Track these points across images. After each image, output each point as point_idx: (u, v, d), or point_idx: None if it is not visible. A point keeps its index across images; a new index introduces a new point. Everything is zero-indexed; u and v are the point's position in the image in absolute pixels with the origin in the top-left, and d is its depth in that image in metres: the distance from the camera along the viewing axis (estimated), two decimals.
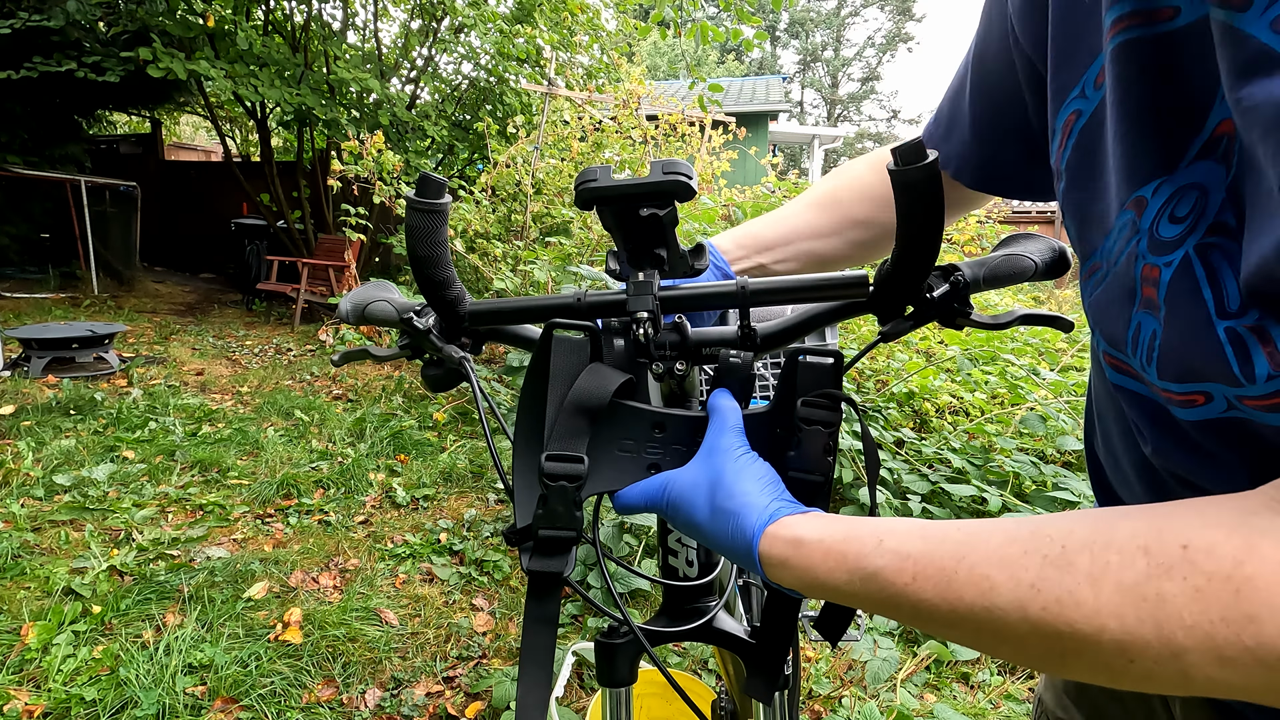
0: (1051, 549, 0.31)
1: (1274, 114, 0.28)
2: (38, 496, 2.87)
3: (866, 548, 0.37)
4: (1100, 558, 0.30)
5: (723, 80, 13.74)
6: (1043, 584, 0.30)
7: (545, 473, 0.47)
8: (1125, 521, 0.30)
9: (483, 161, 6.85)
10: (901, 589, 0.35)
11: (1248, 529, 0.27)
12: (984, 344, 3.03)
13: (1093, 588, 0.29)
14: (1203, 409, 0.35)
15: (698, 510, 0.45)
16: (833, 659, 1.97)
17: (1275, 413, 0.32)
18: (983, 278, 0.58)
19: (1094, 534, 0.31)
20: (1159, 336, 0.36)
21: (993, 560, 0.32)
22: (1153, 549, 0.29)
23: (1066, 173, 0.46)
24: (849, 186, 0.75)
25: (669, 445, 0.51)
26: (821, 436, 0.47)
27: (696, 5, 5.29)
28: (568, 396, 0.49)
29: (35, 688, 1.81)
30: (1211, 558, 0.27)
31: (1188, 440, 0.38)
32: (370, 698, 1.85)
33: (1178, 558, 0.28)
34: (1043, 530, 0.32)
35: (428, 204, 0.55)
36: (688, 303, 0.55)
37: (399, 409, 4.24)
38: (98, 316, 6.54)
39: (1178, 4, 0.34)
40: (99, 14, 6.83)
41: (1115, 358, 0.42)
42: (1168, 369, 0.36)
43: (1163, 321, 0.36)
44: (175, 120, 14.05)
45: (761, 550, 0.41)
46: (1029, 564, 0.31)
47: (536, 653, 0.51)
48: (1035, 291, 6.93)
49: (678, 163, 0.49)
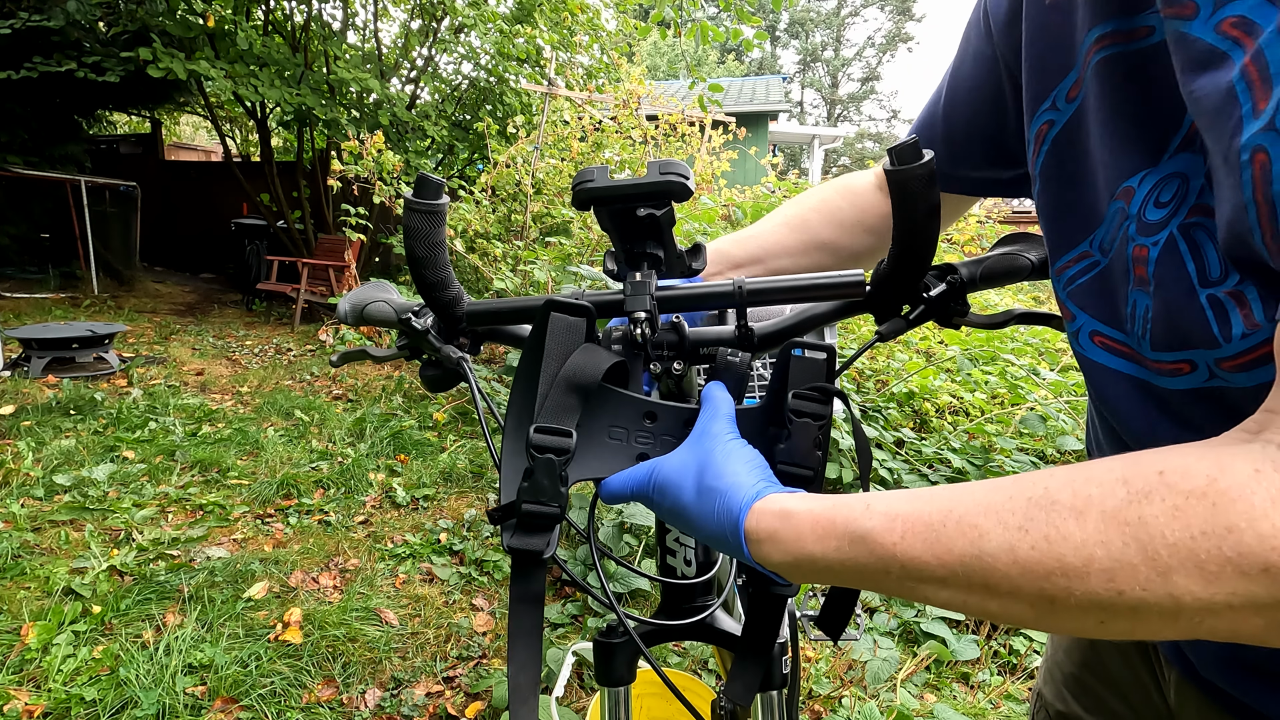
0: (1035, 490, 0.32)
1: (1216, 101, 0.32)
2: (38, 496, 2.87)
3: (855, 512, 0.38)
4: (1082, 491, 0.31)
5: (723, 80, 13.74)
6: (1030, 524, 0.31)
7: (532, 444, 0.47)
8: (1103, 460, 0.32)
9: (483, 161, 6.85)
10: (891, 548, 0.35)
11: (1218, 452, 0.29)
12: (984, 344, 3.03)
13: (1077, 520, 0.30)
14: (1187, 378, 0.39)
15: (684, 492, 0.46)
16: (833, 659, 1.97)
17: (1246, 371, 0.35)
18: (979, 277, 0.58)
19: (1074, 473, 0.32)
20: (1150, 310, 0.40)
21: (979, 509, 0.33)
22: (1131, 478, 0.30)
23: (1040, 176, 0.51)
24: (818, 209, 0.78)
25: (659, 435, 0.51)
26: (811, 430, 0.47)
27: (696, 5, 5.29)
28: (560, 372, 0.49)
29: (35, 688, 1.81)
30: (1187, 477, 0.29)
31: (1174, 414, 0.42)
32: (370, 698, 1.86)
33: (1155, 482, 0.29)
34: (1023, 479, 0.34)
35: (425, 205, 0.55)
36: (685, 303, 0.55)
37: (399, 409, 4.25)
38: (98, 316, 6.54)
39: (1151, 24, 0.40)
40: (99, 14, 6.83)
41: (1108, 337, 0.46)
42: (1159, 339, 0.40)
43: (1152, 295, 0.40)
44: (175, 120, 14.06)
45: (748, 527, 0.42)
46: (1015, 507, 0.32)
47: (524, 634, 0.51)
48: (1035, 291, 6.92)
49: (674, 163, 0.49)
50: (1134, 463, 0.31)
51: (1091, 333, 0.47)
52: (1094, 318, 0.47)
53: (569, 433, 0.47)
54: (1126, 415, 0.46)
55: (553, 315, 0.51)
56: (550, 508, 0.47)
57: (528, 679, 0.51)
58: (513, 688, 0.50)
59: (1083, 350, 0.49)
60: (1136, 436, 0.46)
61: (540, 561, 0.50)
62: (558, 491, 0.47)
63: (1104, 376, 0.47)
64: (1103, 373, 0.47)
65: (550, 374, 0.49)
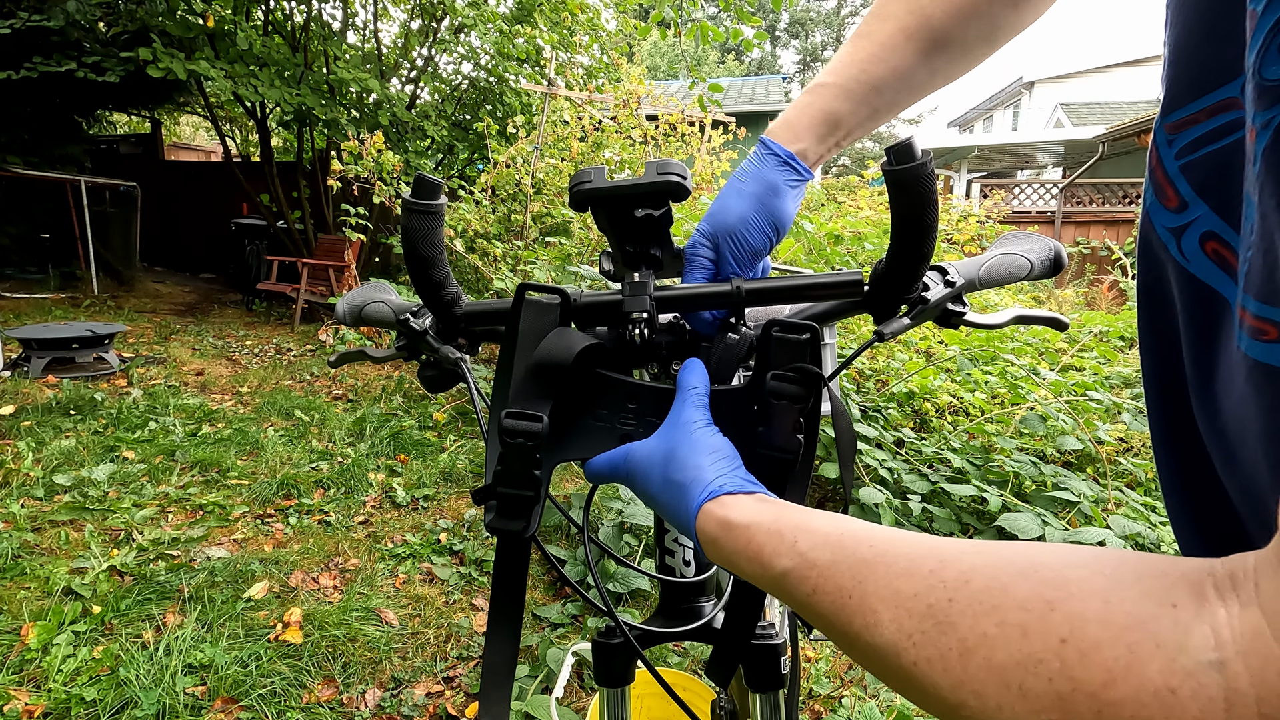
0: (939, 598, 0.29)
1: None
2: (38, 496, 2.87)
3: (782, 546, 0.36)
4: (978, 627, 0.27)
5: (723, 80, 13.74)
6: (920, 638, 0.28)
7: (504, 429, 0.47)
8: (1023, 584, 0.27)
9: (483, 161, 6.85)
10: (804, 598, 0.34)
11: (1143, 633, 0.23)
12: (984, 344, 3.03)
13: (961, 659, 0.27)
14: (1270, 346, 0.26)
15: (651, 483, 0.45)
16: (833, 659, 1.97)
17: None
18: (978, 277, 0.58)
19: (985, 593, 0.28)
20: (1254, 232, 0.27)
21: (884, 594, 0.31)
22: (1032, 632, 0.25)
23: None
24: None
25: (643, 417, 0.51)
26: (792, 413, 0.46)
27: (696, 5, 5.29)
28: (531, 356, 0.49)
29: (35, 688, 1.81)
30: (1085, 663, 0.24)
31: (1240, 392, 0.29)
32: (370, 698, 1.86)
33: (1052, 651, 0.25)
34: (945, 569, 0.30)
35: (423, 205, 0.55)
36: (683, 303, 0.55)
37: (399, 409, 4.25)
38: (98, 316, 6.54)
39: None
40: (99, 14, 6.83)
41: (1229, 247, 0.31)
42: (1253, 279, 0.27)
43: (1257, 210, 0.26)
44: (175, 120, 14.05)
45: (699, 526, 0.41)
46: (915, 609, 0.29)
47: (504, 618, 0.51)
48: (1035, 291, 6.92)
49: (672, 163, 0.49)
50: (1048, 608, 0.26)
51: (1206, 235, 0.32)
52: (1216, 211, 0.32)
53: (539, 417, 0.47)
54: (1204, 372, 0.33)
55: (526, 299, 0.51)
56: (525, 491, 0.48)
57: (503, 661, 0.50)
58: (487, 667, 0.50)
59: (1184, 261, 0.33)
60: (1205, 399, 0.33)
61: (523, 541, 0.50)
62: (531, 475, 0.47)
63: (1206, 304, 0.32)
64: (1206, 298, 0.32)
65: (524, 358, 0.50)
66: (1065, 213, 11.22)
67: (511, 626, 0.51)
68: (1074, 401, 2.63)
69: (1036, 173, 15.98)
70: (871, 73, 0.61)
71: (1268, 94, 0.25)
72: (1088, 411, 2.65)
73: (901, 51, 0.61)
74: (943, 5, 0.60)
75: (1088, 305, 7.16)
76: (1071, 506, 2.29)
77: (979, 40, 0.63)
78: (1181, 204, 0.33)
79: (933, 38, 0.61)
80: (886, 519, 2.18)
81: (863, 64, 0.61)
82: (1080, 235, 10.59)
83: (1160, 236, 0.36)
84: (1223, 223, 0.31)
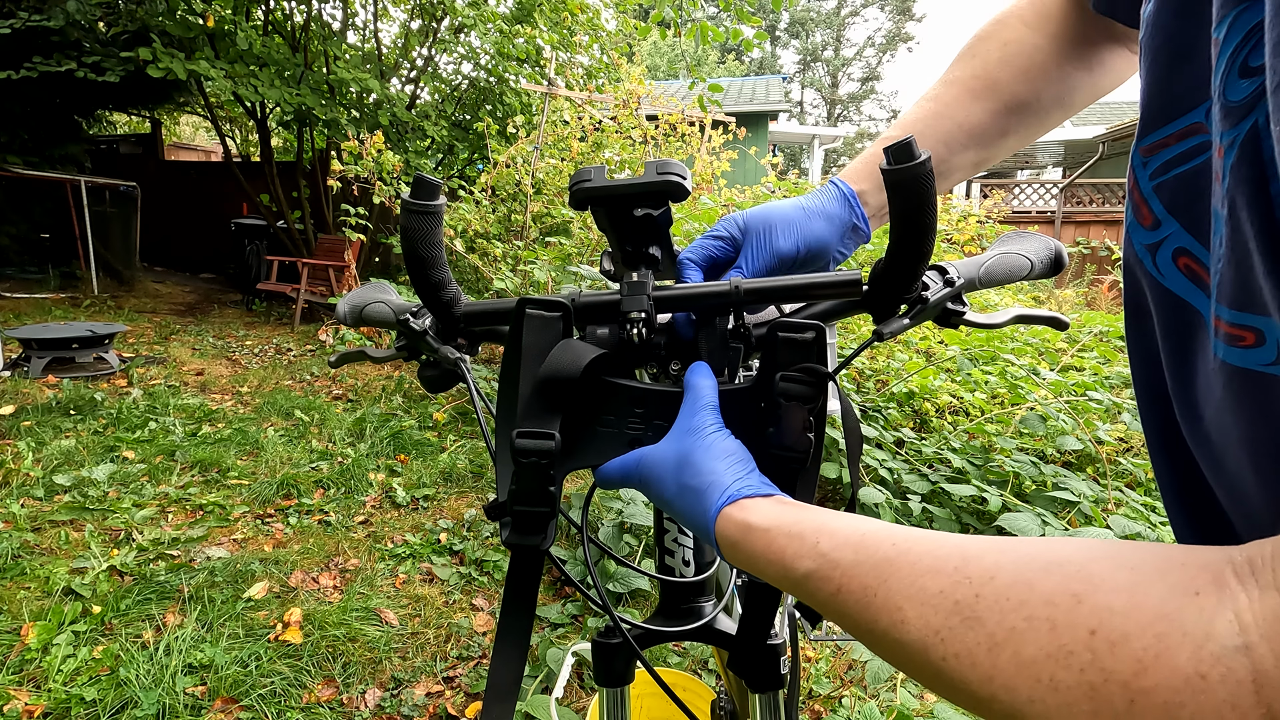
0: (966, 594, 0.29)
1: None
2: (38, 496, 2.87)
3: (804, 548, 0.36)
4: (1006, 622, 0.27)
5: (723, 80, 13.74)
6: (947, 634, 0.29)
7: (516, 449, 0.47)
8: (1048, 579, 0.27)
9: (483, 161, 6.85)
10: (828, 598, 0.35)
11: (1169, 623, 0.24)
12: (984, 344, 3.03)
13: (990, 654, 0.27)
14: (1245, 353, 0.28)
15: (666, 487, 0.45)
16: (833, 659, 1.97)
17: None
18: (978, 277, 0.58)
19: (1011, 588, 0.28)
20: (1223, 243, 0.28)
21: (909, 591, 0.31)
22: (1060, 625, 0.26)
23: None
24: (1005, 59, 0.62)
25: (650, 421, 0.51)
26: (801, 413, 0.46)
27: (696, 5, 5.29)
28: (539, 372, 0.49)
29: (35, 688, 1.81)
30: (1115, 654, 0.24)
31: (1219, 400, 0.30)
32: (370, 698, 1.86)
33: (1082, 644, 0.25)
34: (968, 566, 0.30)
35: (422, 206, 0.55)
36: (682, 303, 0.55)
37: (399, 409, 4.25)
38: (98, 316, 6.54)
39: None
40: (99, 14, 6.83)
41: (1199, 262, 0.32)
42: (1225, 288, 0.28)
43: (1225, 224, 0.27)
44: (175, 120, 14.05)
45: (718, 530, 0.41)
46: (941, 606, 0.29)
47: (513, 631, 0.51)
48: (1035, 291, 6.93)
49: (671, 163, 0.49)
50: (1075, 601, 0.26)
51: (1178, 251, 0.34)
52: (1186, 228, 0.33)
53: (551, 435, 0.47)
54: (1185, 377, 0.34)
55: (527, 314, 0.51)
56: (540, 509, 0.48)
57: (509, 677, 0.50)
58: (491, 684, 0.50)
59: (1159, 276, 0.35)
60: (1186, 407, 0.34)
61: (537, 555, 0.50)
62: (546, 492, 0.47)
63: (1180, 317, 0.34)
64: (1180, 311, 0.34)
65: (530, 374, 0.49)
66: (1065, 213, 11.22)
67: (520, 640, 0.51)
68: (1074, 401, 2.63)
69: (1036, 173, 15.98)
70: (937, 127, 0.62)
71: (1232, 114, 0.26)
72: (1088, 411, 2.65)
73: (968, 109, 0.62)
74: (1009, 69, 0.62)
75: (1088, 305, 7.16)
76: (1071, 506, 2.28)
77: (1054, 104, 0.64)
78: (1155, 222, 0.35)
79: (1001, 99, 0.62)
80: (886, 519, 2.17)
81: (927, 119, 0.63)
82: (1080, 235, 10.60)
83: (1137, 253, 0.37)
84: (1193, 239, 0.33)
